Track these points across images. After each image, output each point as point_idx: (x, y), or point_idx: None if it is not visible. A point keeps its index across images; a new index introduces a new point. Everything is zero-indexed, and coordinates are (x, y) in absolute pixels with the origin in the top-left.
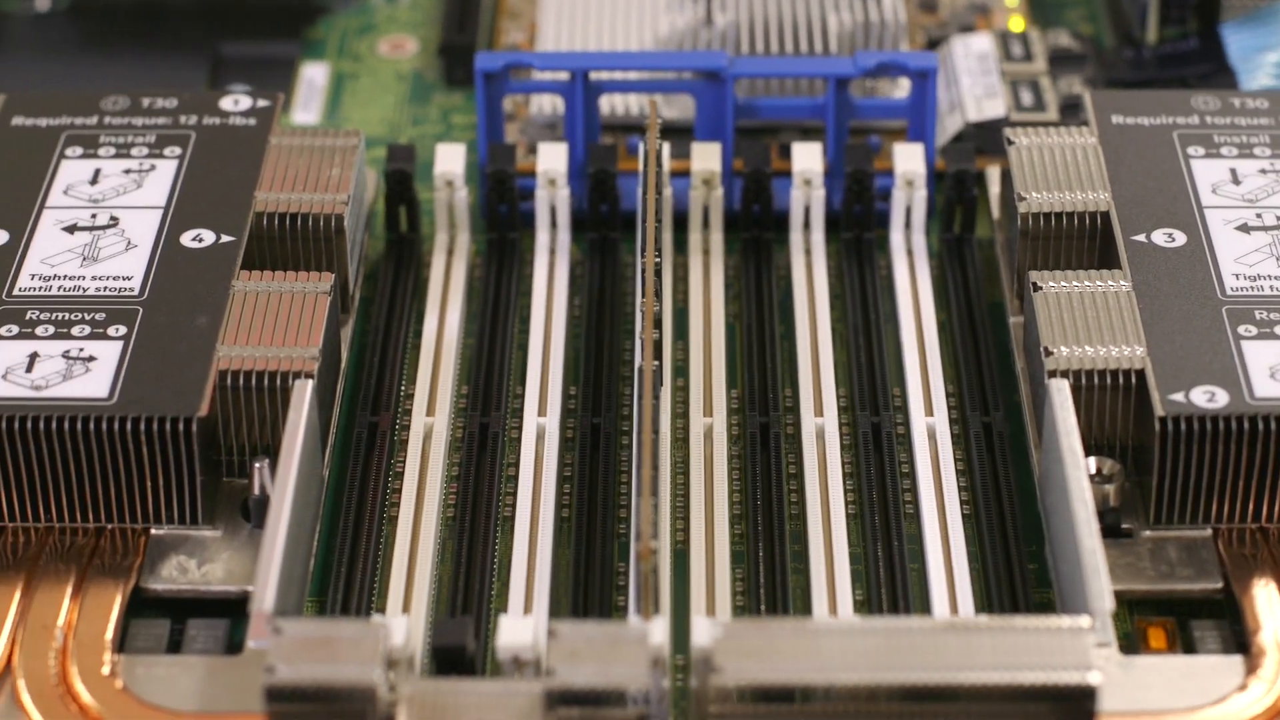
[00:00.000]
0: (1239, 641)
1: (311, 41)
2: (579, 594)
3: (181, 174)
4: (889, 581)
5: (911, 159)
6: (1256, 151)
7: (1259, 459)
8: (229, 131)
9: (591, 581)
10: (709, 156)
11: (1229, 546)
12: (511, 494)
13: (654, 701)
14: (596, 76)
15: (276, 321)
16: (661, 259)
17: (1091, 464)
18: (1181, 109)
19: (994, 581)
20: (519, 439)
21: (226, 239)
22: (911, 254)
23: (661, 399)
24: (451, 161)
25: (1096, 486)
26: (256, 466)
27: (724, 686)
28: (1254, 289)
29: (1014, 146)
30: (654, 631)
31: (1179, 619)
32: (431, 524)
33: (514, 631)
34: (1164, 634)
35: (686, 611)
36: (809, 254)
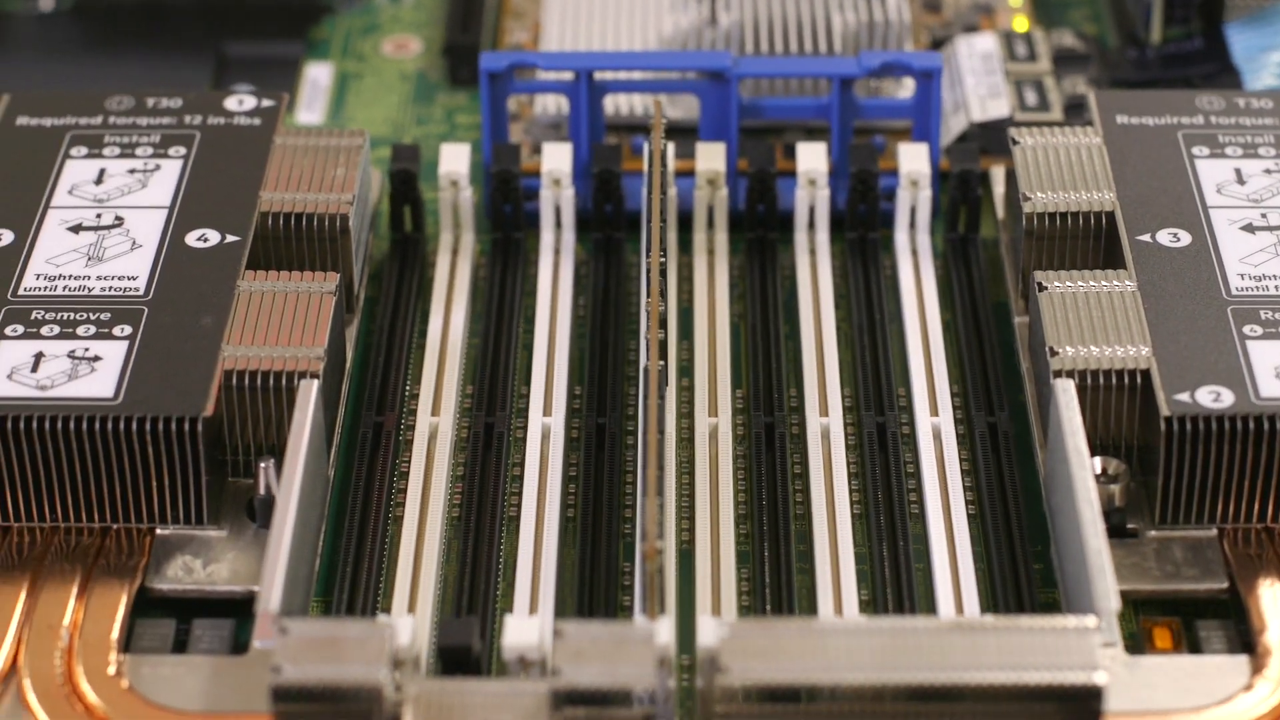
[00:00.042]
0: (1244, 641)
1: (315, 41)
2: (584, 594)
3: (186, 174)
4: (894, 581)
5: (916, 159)
6: (1261, 152)
7: (1264, 459)
8: (234, 131)
9: (597, 581)
10: (714, 156)
11: (1234, 546)
12: (517, 494)
13: (660, 701)
14: (601, 76)
15: (282, 321)
16: (666, 259)
17: (1097, 464)
18: (1186, 109)
19: (999, 581)
20: (524, 439)
21: (231, 239)
22: (916, 254)
23: (667, 399)
24: (456, 161)
25: (1102, 486)
26: (262, 466)
27: (730, 686)
28: (1259, 289)
29: (1019, 146)
30: (660, 631)
31: (1184, 619)
32: (437, 524)
33: (520, 631)
34: (1169, 634)
35: (692, 611)
36: (814, 254)
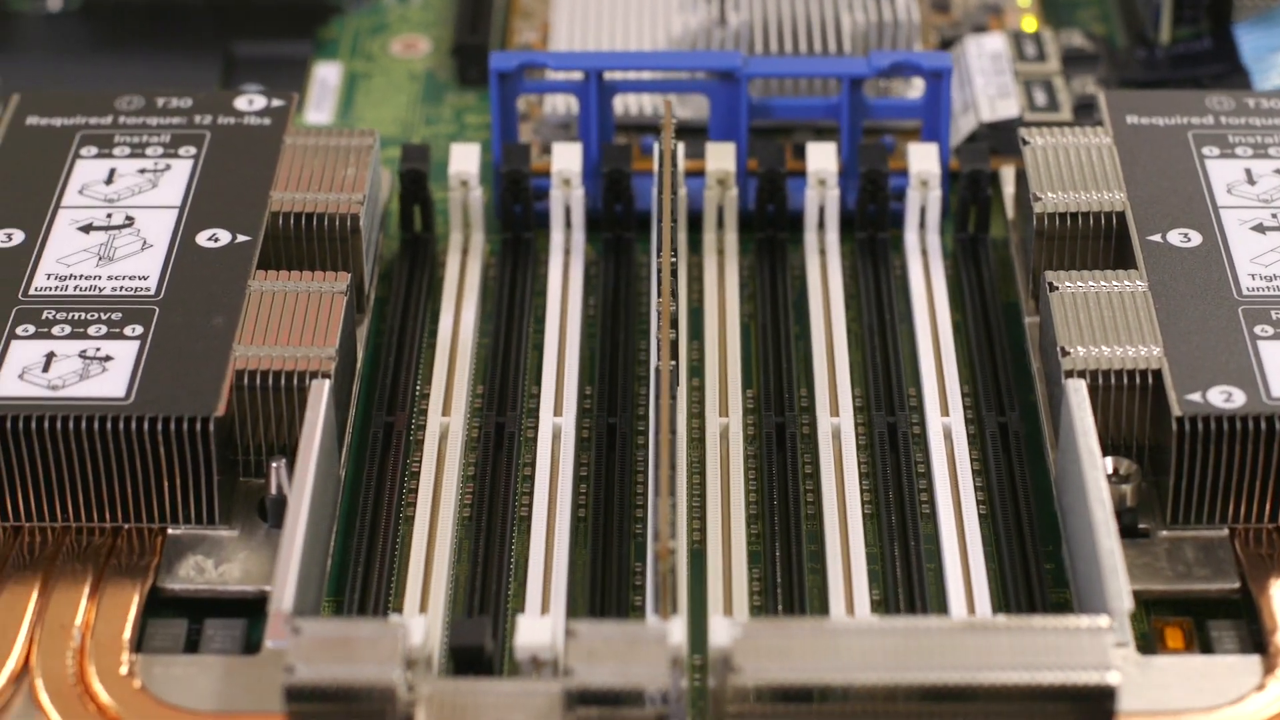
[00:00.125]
0: (1256, 641)
1: (324, 41)
2: (595, 594)
3: (197, 173)
4: (906, 581)
5: (926, 159)
6: (1271, 152)
7: (1276, 459)
8: (244, 131)
9: (608, 581)
10: (723, 156)
11: (1246, 546)
12: (528, 494)
13: (672, 701)
14: (611, 76)
15: (293, 321)
16: (676, 259)
17: (1108, 464)
18: (1196, 109)
19: (1010, 581)
20: (535, 439)
21: (242, 239)
22: (926, 254)
23: (678, 399)
24: (466, 161)
25: (1113, 486)
26: (273, 466)
27: (742, 686)
28: (1270, 289)
29: (1029, 146)
30: (672, 631)
31: (1196, 619)
32: (448, 524)
33: (532, 631)
34: (1181, 634)
35: (704, 611)
36: (824, 254)
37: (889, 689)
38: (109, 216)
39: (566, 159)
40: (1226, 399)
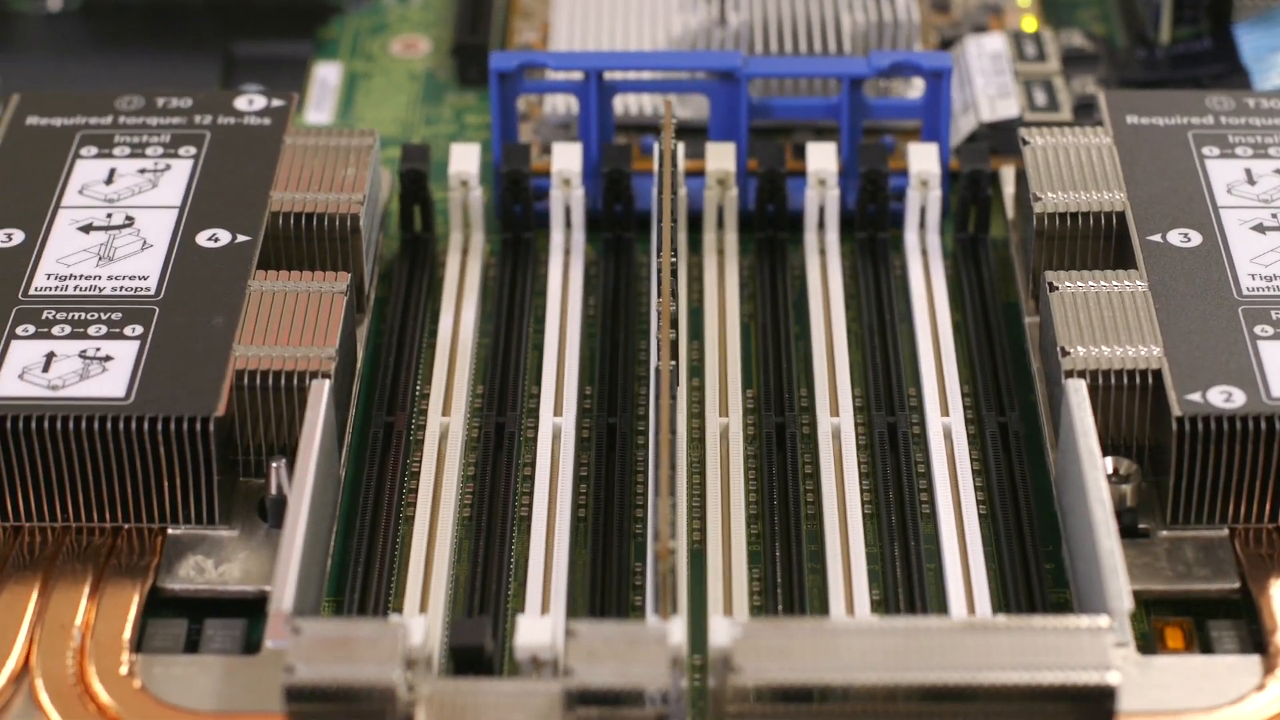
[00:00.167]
0: (1256, 641)
1: (324, 41)
2: (596, 594)
3: (197, 173)
4: (906, 581)
5: (926, 159)
6: (1271, 152)
7: (1276, 459)
8: (244, 131)
9: (608, 581)
10: (723, 156)
11: (1246, 546)
12: (528, 494)
13: (672, 701)
14: (611, 76)
15: (293, 321)
16: (676, 259)
17: (1108, 464)
18: (1196, 109)
19: (1010, 581)
20: (535, 439)
21: (242, 239)
22: (926, 254)
23: (678, 399)
24: (466, 161)
25: (1113, 486)
26: (273, 466)
27: (742, 686)
28: (1270, 289)
29: (1029, 146)
30: (672, 631)
31: (1196, 619)
32: (448, 524)
33: (532, 631)
34: (1181, 634)
35: (704, 611)
36: (824, 254)
37: (889, 689)
38: (109, 216)
39: (566, 159)
40: (1226, 399)
